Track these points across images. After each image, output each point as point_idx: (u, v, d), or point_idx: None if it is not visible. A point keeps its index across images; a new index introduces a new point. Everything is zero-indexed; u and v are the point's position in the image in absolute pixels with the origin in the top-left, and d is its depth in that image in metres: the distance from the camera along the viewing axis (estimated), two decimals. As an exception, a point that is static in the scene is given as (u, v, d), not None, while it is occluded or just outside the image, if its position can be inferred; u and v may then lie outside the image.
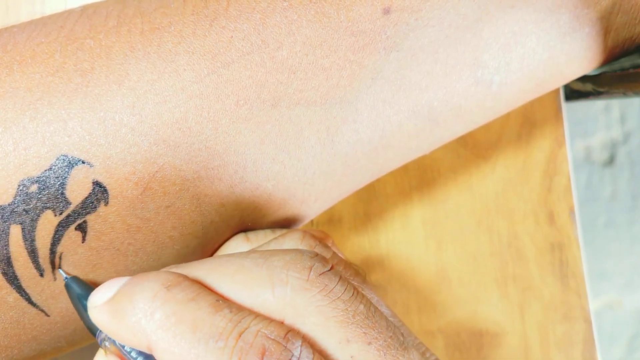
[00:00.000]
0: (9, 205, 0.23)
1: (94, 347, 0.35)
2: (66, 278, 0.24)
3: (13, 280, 0.24)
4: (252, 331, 0.20)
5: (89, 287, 0.23)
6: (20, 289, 0.24)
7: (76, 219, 0.23)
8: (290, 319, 0.21)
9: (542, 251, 0.39)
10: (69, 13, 0.25)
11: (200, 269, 0.22)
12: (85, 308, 0.23)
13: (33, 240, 0.23)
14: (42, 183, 0.23)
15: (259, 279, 0.21)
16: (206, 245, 0.26)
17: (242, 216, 0.26)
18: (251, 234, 0.27)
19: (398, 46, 0.26)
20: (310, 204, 0.28)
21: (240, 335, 0.20)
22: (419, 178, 0.38)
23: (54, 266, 0.24)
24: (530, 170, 0.39)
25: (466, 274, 0.39)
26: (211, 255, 0.27)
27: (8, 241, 0.23)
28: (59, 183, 0.23)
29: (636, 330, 0.84)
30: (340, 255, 0.26)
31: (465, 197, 0.38)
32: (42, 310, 0.24)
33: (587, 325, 0.39)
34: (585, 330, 0.39)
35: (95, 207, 0.23)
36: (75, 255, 0.24)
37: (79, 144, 0.23)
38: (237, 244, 0.26)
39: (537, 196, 0.39)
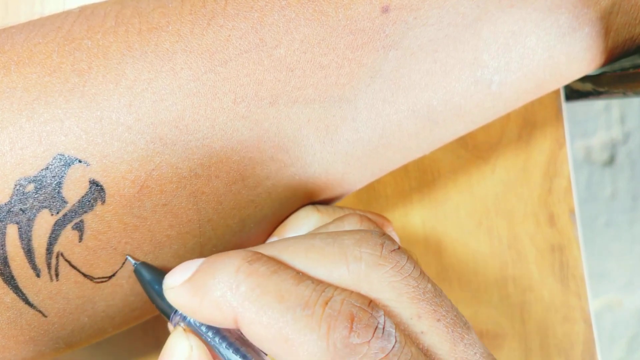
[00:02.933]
0: (5, 204, 0.23)
1: (94, 348, 0.35)
2: (135, 264, 0.24)
3: (10, 280, 0.23)
4: (338, 300, 0.20)
5: (159, 271, 0.24)
6: (17, 289, 0.24)
7: (73, 218, 0.23)
8: (365, 294, 0.21)
9: (542, 252, 0.39)
10: (67, 14, 0.25)
11: (272, 249, 0.23)
12: (157, 292, 0.24)
13: (30, 240, 0.23)
14: (39, 182, 0.23)
15: (332, 256, 0.22)
16: (204, 244, 0.26)
17: (241, 215, 0.26)
18: (320, 206, 0.27)
19: (397, 45, 0.26)
20: (312, 202, 0.28)
21: (326, 304, 0.20)
22: (419, 179, 0.38)
23: (50, 266, 0.24)
24: (530, 171, 0.39)
25: (466, 275, 0.38)
26: (267, 231, 0.28)
27: (4, 241, 0.23)
28: (55, 182, 0.23)
29: (636, 330, 0.84)
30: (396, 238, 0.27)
31: (465, 198, 0.38)
32: (40, 311, 0.24)
33: (587, 327, 0.39)
34: (585, 331, 0.39)
35: (92, 206, 0.23)
36: (73, 254, 0.24)
37: (75, 143, 0.23)
38: (307, 213, 0.27)
39: (537, 197, 0.39)
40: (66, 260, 0.24)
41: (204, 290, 0.21)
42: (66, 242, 0.24)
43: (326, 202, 0.29)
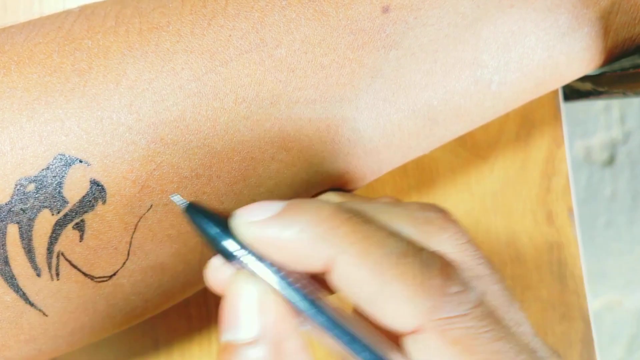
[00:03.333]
0: (6, 204, 0.23)
1: (93, 348, 0.35)
2: (184, 203, 0.22)
3: (10, 279, 0.23)
4: (429, 252, 0.21)
5: (214, 213, 0.22)
6: (17, 289, 0.24)
7: (74, 218, 0.23)
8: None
9: (541, 251, 0.39)
10: (67, 13, 0.25)
11: (354, 204, 0.23)
12: (212, 233, 0.21)
13: (30, 239, 0.23)
14: (40, 182, 0.23)
15: (403, 217, 0.22)
16: (206, 243, 0.26)
17: None
18: (341, 192, 0.27)
19: (397, 45, 0.26)
20: None
21: (419, 254, 0.21)
22: (417, 178, 0.38)
23: (50, 266, 0.24)
24: (529, 170, 0.39)
25: (465, 273, 0.38)
26: None
27: (5, 240, 0.23)
28: (56, 182, 0.23)
29: (636, 330, 0.84)
30: None
31: (464, 197, 0.39)
32: (40, 310, 0.24)
33: (586, 325, 0.39)
34: (583, 330, 0.39)
35: (93, 206, 0.23)
36: (73, 254, 0.24)
37: (76, 143, 0.23)
38: (329, 197, 0.27)
39: (535, 196, 0.39)
40: (67, 259, 0.24)
41: (298, 227, 0.21)
42: (67, 242, 0.24)
43: None
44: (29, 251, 0.23)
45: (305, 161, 0.26)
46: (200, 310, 0.35)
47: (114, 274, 0.25)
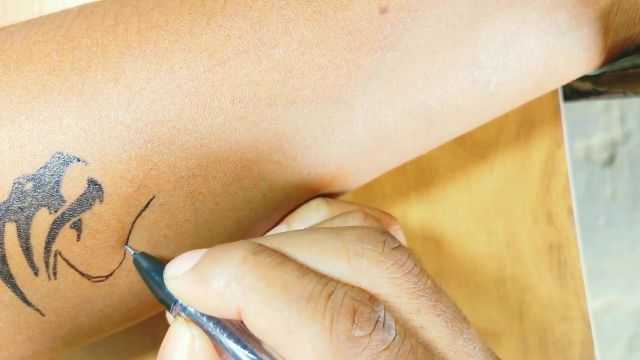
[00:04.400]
0: (4, 203, 0.23)
1: (92, 348, 0.35)
2: (134, 254, 0.24)
3: (8, 278, 0.23)
4: (340, 293, 0.21)
5: (159, 261, 0.24)
6: (15, 288, 0.24)
7: (71, 217, 0.23)
8: (365, 288, 0.22)
9: (541, 251, 0.39)
10: (66, 13, 0.25)
11: (276, 241, 0.23)
12: (156, 282, 0.24)
13: (28, 238, 0.23)
14: (37, 181, 0.23)
15: (335, 250, 0.22)
16: (201, 245, 0.26)
17: (238, 217, 0.26)
18: (329, 199, 0.28)
19: (395, 46, 0.26)
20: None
21: (329, 296, 0.21)
22: (417, 178, 0.38)
23: (48, 265, 0.24)
24: (528, 170, 0.39)
25: (464, 273, 0.38)
26: (262, 234, 0.28)
27: (3, 239, 0.23)
28: (54, 181, 0.23)
29: (636, 330, 0.84)
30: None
31: (464, 197, 0.38)
32: (37, 310, 0.24)
33: (586, 326, 0.39)
34: (583, 330, 0.39)
35: (90, 205, 0.23)
36: (70, 253, 0.24)
37: (74, 141, 0.23)
38: (317, 205, 0.27)
39: (535, 196, 0.39)
40: (64, 259, 0.24)
41: (208, 280, 0.21)
42: (64, 241, 0.24)
43: None
44: (27, 250, 0.23)
45: (300, 163, 0.26)
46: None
47: (111, 274, 0.25)
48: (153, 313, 0.28)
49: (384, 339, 0.20)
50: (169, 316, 0.24)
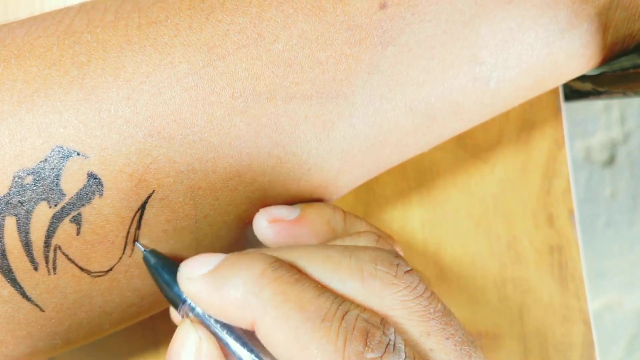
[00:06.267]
0: (3, 196, 0.23)
1: (93, 348, 0.35)
2: (145, 250, 0.25)
3: (8, 273, 0.23)
4: (353, 314, 0.21)
5: (169, 259, 0.24)
6: (14, 283, 0.24)
7: (71, 211, 0.23)
8: (378, 310, 0.22)
9: (541, 253, 0.39)
10: (67, 9, 0.25)
11: (291, 255, 0.23)
12: (165, 280, 0.24)
13: (27, 232, 0.23)
14: (37, 174, 0.23)
15: (349, 269, 0.23)
16: (201, 240, 0.26)
17: (238, 212, 0.26)
18: (347, 213, 0.28)
19: (394, 41, 0.26)
20: (306, 200, 0.28)
21: (343, 317, 0.21)
22: (417, 180, 0.38)
23: (47, 260, 0.24)
24: (529, 172, 0.39)
25: (465, 276, 0.38)
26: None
27: (3, 233, 0.23)
28: (54, 174, 0.23)
29: (636, 330, 0.84)
30: None
31: (464, 198, 0.38)
32: (37, 305, 0.24)
33: (586, 328, 0.39)
34: (584, 332, 0.39)
35: (90, 199, 0.23)
36: (70, 248, 0.24)
37: (74, 135, 0.23)
38: (335, 211, 0.28)
39: (536, 198, 0.39)
40: (64, 253, 0.24)
41: (225, 288, 0.22)
42: (64, 235, 0.24)
43: (321, 200, 0.29)
44: (27, 244, 0.23)
45: (300, 158, 0.26)
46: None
47: (110, 269, 0.25)
48: (153, 312, 0.28)
49: None
50: (174, 314, 0.25)
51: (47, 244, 0.24)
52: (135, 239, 0.25)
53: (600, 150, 0.79)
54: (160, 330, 0.35)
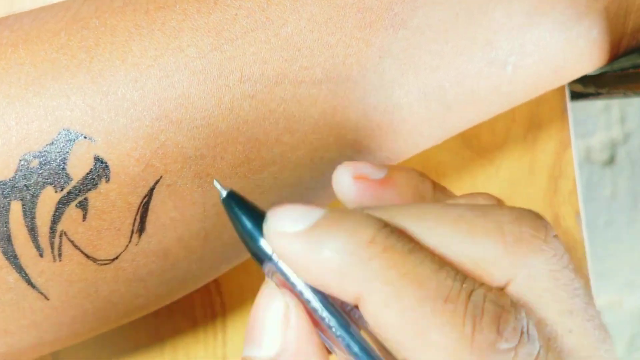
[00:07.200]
0: (9, 180, 0.23)
1: (97, 348, 0.35)
2: (225, 190, 0.20)
3: (12, 259, 0.23)
4: (480, 294, 0.18)
5: (254, 205, 0.20)
6: (20, 269, 0.23)
7: (77, 196, 0.23)
8: (521, 280, 0.19)
9: (547, 253, 0.39)
10: None
11: (405, 216, 0.19)
12: (248, 231, 0.19)
13: (33, 217, 0.23)
14: (44, 158, 0.23)
15: (486, 232, 0.18)
16: (210, 231, 0.26)
17: None
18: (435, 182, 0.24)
19: (406, 24, 0.25)
20: (318, 190, 0.28)
21: (469, 297, 0.17)
22: (423, 180, 0.38)
23: (53, 246, 0.23)
24: (535, 172, 0.39)
25: (471, 276, 0.38)
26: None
27: (8, 218, 0.23)
28: (60, 158, 0.23)
29: (636, 330, 0.84)
30: None
31: (470, 199, 0.38)
32: (42, 293, 0.24)
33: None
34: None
35: (97, 184, 0.23)
36: (76, 234, 0.24)
37: (81, 118, 0.23)
38: (423, 177, 0.23)
39: (542, 199, 0.39)
40: (69, 239, 0.24)
41: (326, 252, 0.18)
42: (70, 221, 0.23)
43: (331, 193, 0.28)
44: (32, 230, 0.23)
45: (310, 145, 0.26)
46: (205, 312, 0.35)
47: (116, 257, 0.24)
48: (159, 305, 0.28)
49: (530, 353, 0.17)
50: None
51: (52, 229, 0.23)
52: (139, 227, 0.23)
53: (600, 150, 0.79)
54: (164, 330, 0.35)
